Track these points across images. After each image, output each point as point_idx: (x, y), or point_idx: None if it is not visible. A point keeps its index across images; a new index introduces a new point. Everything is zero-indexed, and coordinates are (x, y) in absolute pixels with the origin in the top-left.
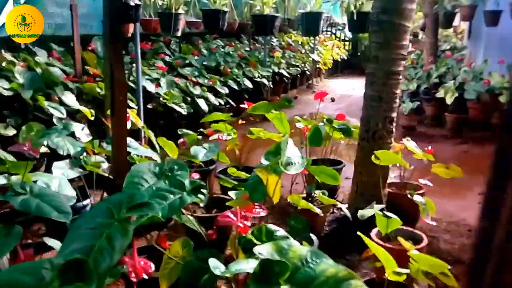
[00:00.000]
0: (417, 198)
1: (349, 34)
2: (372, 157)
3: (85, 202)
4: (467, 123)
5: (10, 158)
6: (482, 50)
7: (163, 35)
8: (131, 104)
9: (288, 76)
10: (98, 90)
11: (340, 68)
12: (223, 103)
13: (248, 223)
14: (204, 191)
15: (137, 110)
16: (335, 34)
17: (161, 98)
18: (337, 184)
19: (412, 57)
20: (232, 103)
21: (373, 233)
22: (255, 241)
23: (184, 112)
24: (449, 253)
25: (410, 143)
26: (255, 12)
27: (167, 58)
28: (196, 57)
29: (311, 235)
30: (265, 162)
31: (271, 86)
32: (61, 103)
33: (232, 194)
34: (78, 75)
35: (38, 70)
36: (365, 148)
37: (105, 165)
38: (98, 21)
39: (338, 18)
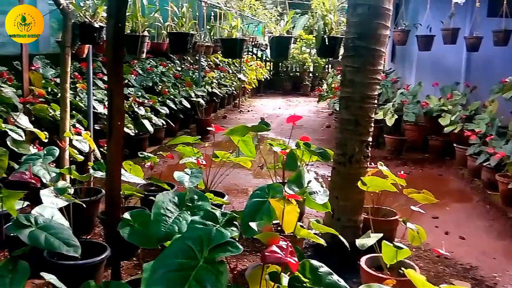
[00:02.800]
0: (410, 225)
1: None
2: (359, 183)
3: None
4: (405, 144)
5: None
6: (413, 73)
7: (128, 58)
8: (79, 125)
9: (220, 95)
10: (52, 111)
11: (262, 88)
12: (164, 123)
13: (296, 259)
14: (237, 223)
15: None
16: (256, 54)
17: None
18: (328, 210)
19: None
20: (171, 123)
21: (362, 262)
22: (302, 278)
23: (132, 133)
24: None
25: (384, 168)
26: (223, 36)
27: (105, 78)
28: (134, 77)
29: None
30: (290, 191)
31: (205, 105)
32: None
33: (253, 225)
34: (25, 96)
35: None
36: (341, 172)
37: (71, 190)
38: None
39: (260, 39)
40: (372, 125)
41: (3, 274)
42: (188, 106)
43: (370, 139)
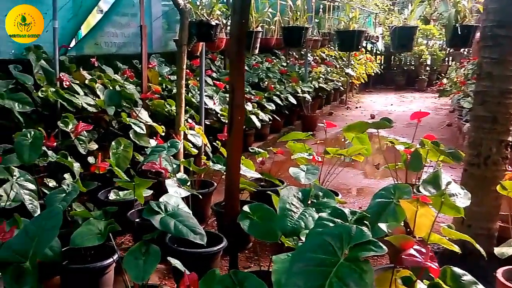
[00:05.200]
0: None
1: (381, 47)
2: (498, 187)
3: None
4: None
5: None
6: None
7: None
8: (191, 120)
9: (326, 91)
10: (168, 107)
11: (372, 83)
12: (271, 118)
13: (437, 264)
14: (367, 223)
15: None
16: (365, 47)
17: (218, 115)
18: (461, 216)
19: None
20: (278, 118)
21: (499, 273)
22: (443, 285)
23: None
24: None
25: None
26: (339, 28)
27: (214, 75)
28: None
29: None
30: (425, 192)
31: (311, 101)
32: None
33: (383, 226)
34: (144, 92)
35: (117, 87)
36: (474, 175)
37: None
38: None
39: (371, 31)
40: None
41: (137, 257)
42: (294, 102)
43: (510, 138)
